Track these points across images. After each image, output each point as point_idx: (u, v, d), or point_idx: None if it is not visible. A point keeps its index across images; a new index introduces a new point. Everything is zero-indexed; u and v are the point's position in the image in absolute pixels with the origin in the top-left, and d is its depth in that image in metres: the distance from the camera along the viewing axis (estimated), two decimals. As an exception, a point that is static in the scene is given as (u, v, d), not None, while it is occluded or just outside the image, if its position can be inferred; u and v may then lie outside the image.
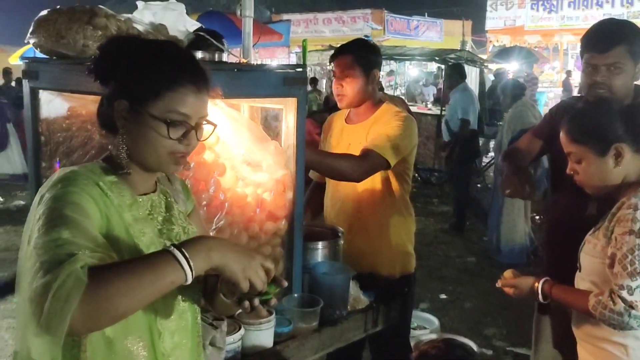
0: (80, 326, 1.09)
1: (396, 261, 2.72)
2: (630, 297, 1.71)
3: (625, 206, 1.80)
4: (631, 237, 1.74)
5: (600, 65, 2.21)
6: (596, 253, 1.87)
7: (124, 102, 1.30)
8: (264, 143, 2.18)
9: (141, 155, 1.33)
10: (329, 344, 2.19)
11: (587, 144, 1.89)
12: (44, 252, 1.13)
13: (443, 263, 6.05)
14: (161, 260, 1.18)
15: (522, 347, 4.16)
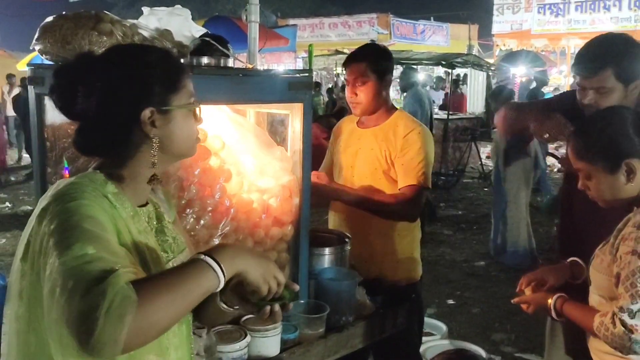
0: (128, 344, 1.06)
1: (402, 267, 2.70)
2: (630, 320, 1.64)
3: (631, 223, 1.72)
4: (634, 258, 1.66)
5: (587, 88, 2.18)
6: (602, 269, 1.80)
7: (149, 110, 1.28)
8: (270, 149, 2.17)
9: (177, 149, 1.35)
10: (335, 350, 2.17)
11: (595, 161, 1.78)
12: (72, 271, 1.08)
13: (450, 268, 6.02)
14: (197, 269, 1.18)
15: (531, 353, 4.13)
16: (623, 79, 2.15)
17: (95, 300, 1.04)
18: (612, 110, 1.91)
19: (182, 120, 1.33)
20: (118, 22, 2.08)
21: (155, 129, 1.30)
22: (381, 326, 2.38)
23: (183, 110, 1.33)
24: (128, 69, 1.28)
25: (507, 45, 21.72)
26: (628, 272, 1.67)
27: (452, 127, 9.89)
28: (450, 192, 9.46)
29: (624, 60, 2.16)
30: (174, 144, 1.34)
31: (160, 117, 1.30)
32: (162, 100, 1.30)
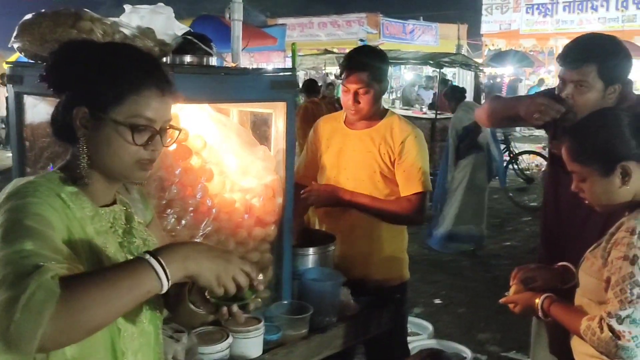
0: (51, 341, 1.03)
1: (388, 267, 2.70)
2: (618, 326, 1.62)
3: (624, 228, 1.69)
4: (625, 264, 1.63)
5: (568, 81, 2.17)
6: (593, 272, 1.78)
7: (84, 109, 1.23)
8: (253, 148, 2.16)
9: (104, 164, 1.27)
10: (318, 351, 2.16)
11: (590, 164, 1.75)
12: (6, 264, 1.06)
13: (436, 267, 6.03)
14: (137, 268, 1.13)
15: (517, 352, 4.14)
16: (605, 78, 2.14)
17: (16, 292, 1.01)
18: (608, 112, 1.89)
19: (112, 135, 1.24)
20: (98, 20, 2.05)
21: (84, 129, 1.24)
22: (365, 327, 2.38)
23: (119, 126, 1.23)
24: (82, 61, 1.25)
25: (495, 45, 21.83)
26: (618, 278, 1.65)
27: (440, 126, 9.88)
28: (438, 192, 9.48)
29: (609, 59, 2.16)
30: (100, 156, 1.26)
31: (93, 121, 1.24)
32: (99, 105, 1.23)
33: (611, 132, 1.75)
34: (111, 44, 1.46)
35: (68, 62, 1.26)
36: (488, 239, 6.94)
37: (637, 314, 1.62)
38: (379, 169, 2.61)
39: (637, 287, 1.62)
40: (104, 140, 1.25)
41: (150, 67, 1.29)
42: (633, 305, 1.62)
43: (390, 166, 2.62)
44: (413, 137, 2.61)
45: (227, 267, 1.22)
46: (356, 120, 2.67)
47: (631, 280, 1.63)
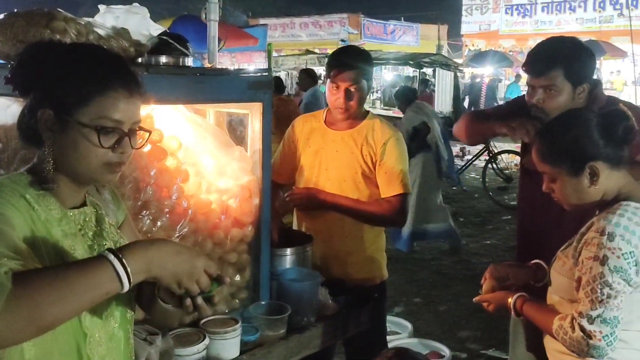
0: (1, 337, 1.00)
1: (367, 267, 2.70)
2: (589, 326, 1.64)
3: (594, 229, 1.70)
4: (595, 264, 1.65)
5: (536, 87, 2.21)
6: (564, 271, 1.80)
7: (49, 112, 1.20)
8: (229, 149, 2.15)
9: (71, 167, 1.24)
10: (296, 351, 2.16)
11: (559, 164, 1.77)
12: None
13: (418, 267, 6.05)
14: (96, 267, 1.10)
15: (496, 350, 4.17)
16: (572, 79, 2.18)
17: None
18: (576, 112, 1.91)
19: (78, 137, 1.21)
20: (72, 20, 2.03)
21: (49, 132, 1.22)
22: (344, 326, 2.38)
23: (85, 129, 1.21)
24: (49, 61, 1.22)
25: (475, 46, 21.99)
26: (589, 278, 1.67)
27: (421, 126, 9.93)
28: (420, 191, 9.52)
29: (573, 61, 2.20)
30: (67, 159, 1.23)
31: (58, 123, 1.21)
32: (64, 107, 1.20)
33: (579, 133, 1.76)
34: (77, 45, 1.44)
35: (33, 63, 1.24)
36: (469, 237, 7.00)
37: (607, 314, 1.64)
38: (360, 170, 2.62)
39: (607, 287, 1.64)
40: (70, 143, 1.22)
41: (116, 68, 1.27)
42: (603, 305, 1.64)
43: (372, 167, 2.62)
44: (395, 140, 2.63)
45: (190, 272, 1.21)
46: (344, 119, 2.65)
47: (601, 281, 1.64)
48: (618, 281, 1.64)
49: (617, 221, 1.66)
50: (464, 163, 10.71)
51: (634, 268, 1.65)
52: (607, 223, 1.67)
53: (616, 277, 1.64)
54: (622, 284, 1.64)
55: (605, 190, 1.77)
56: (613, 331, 1.65)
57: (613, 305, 1.64)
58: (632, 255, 1.64)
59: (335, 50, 2.78)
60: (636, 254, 1.64)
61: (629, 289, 1.66)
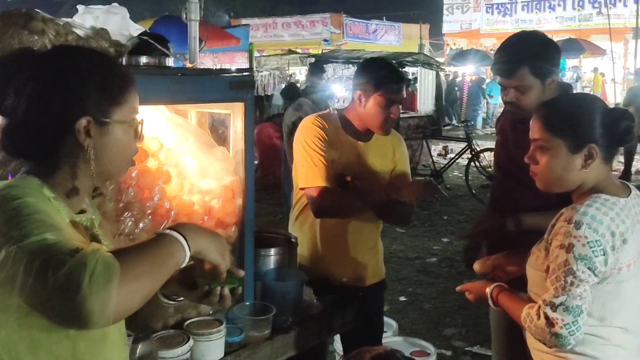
0: (116, 311, 1.06)
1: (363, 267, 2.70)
2: (552, 313, 1.64)
3: (562, 218, 1.70)
4: (562, 252, 1.65)
5: (507, 87, 2.27)
6: (538, 265, 1.80)
7: (85, 119, 1.22)
8: (211, 149, 2.14)
9: (109, 165, 1.29)
10: (281, 352, 2.15)
11: (562, 135, 1.73)
12: (37, 251, 1.05)
13: (402, 265, 6.07)
14: (166, 240, 1.19)
15: (481, 347, 4.19)
16: (539, 75, 2.21)
17: (75, 271, 1.02)
18: (589, 97, 1.96)
19: (120, 135, 1.28)
20: (50, 21, 2.01)
21: (89, 139, 1.24)
22: (329, 326, 2.38)
23: (124, 125, 1.28)
24: (64, 73, 1.22)
25: (457, 45, 22.15)
26: (555, 266, 1.67)
27: (404, 125, 9.99)
28: (403, 190, 9.54)
29: (537, 57, 2.23)
30: (107, 158, 1.27)
31: (97, 128, 1.24)
32: (101, 111, 1.24)
33: (591, 111, 1.75)
34: (72, 48, 1.45)
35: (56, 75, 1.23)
36: (453, 235, 7.02)
37: (570, 302, 1.63)
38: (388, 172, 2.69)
39: (571, 275, 1.63)
40: (112, 143, 1.27)
41: (123, 66, 1.36)
42: (566, 293, 1.63)
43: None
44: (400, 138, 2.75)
45: (223, 243, 1.30)
46: (388, 133, 2.65)
47: (566, 268, 1.64)
48: (583, 269, 1.63)
49: (584, 210, 1.66)
50: (446, 162, 10.77)
51: (600, 257, 1.64)
52: (575, 212, 1.67)
53: (581, 266, 1.63)
54: (587, 272, 1.63)
55: (586, 180, 1.76)
56: (575, 320, 1.63)
57: (576, 293, 1.63)
58: (599, 244, 1.63)
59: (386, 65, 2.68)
60: (603, 243, 1.63)
61: (594, 278, 1.65)
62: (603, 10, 17.06)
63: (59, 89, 1.21)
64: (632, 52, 15.10)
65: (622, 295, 1.73)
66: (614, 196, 1.72)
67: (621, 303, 1.74)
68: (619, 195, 1.74)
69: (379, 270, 2.79)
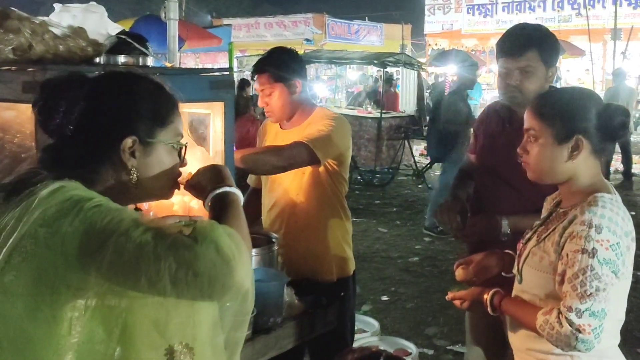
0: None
1: (333, 265, 2.70)
2: (578, 320, 1.61)
3: (579, 222, 1.66)
4: (584, 257, 1.62)
5: (513, 69, 2.27)
6: (543, 267, 1.76)
7: (132, 139, 1.25)
8: (191, 149, 2.11)
9: (151, 185, 1.31)
10: (263, 352, 2.14)
11: (550, 124, 1.73)
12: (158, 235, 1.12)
13: (385, 264, 6.08)
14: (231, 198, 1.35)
15: (463, 346, 4.21)
16: (545, 61, 2.27)
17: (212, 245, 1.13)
18: (586, 89, 1.96)
19: (164, 156, 1.31)
20: (27, 20, 1.98)
21: (133, 159, 1.26)
22: (310, 326, 2.37)
23: (167, 147, 1.31)
24: (115, 94, 1.27)
25: (438, 45, 22.24)
26: (577, 270, 1.63)
27: (386, 125, 10.02)
28: (385, 190, 9.57)
29: (547, 43, 2.30)
30: (150, 179, 1.30)
31: (142, 148, 1.27)
32: (147, 132, 1.28)
33: (582, 104, 1.75)
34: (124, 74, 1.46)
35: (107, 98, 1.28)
36: (435, 234, 7.05)
37: (596, 307, 1.61)
38: (307, 168, 2.60)
39: (596, 280, 1.61)
40: (156, 163, 1.30)
41: (170, 89, 1.37)
42: (592, 298, 1.61)
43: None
44: (331, 116, 2.67)
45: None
46: (274, 121, 2.75)
47: (591, 273, 1.61)
48: (607, 273, 1.62)
49: (601, 213, 1.64)
50: (428, 161, 10.81)
51: (621, 258, 1.64)
52: (593, 215, 1.64)
53: (606, 270, 1.62)
54: (611, 276, 1.63)
55: (576, 174, 1.75)
56: (601, 323, 1.62)
57: (602, 297, 1.62)
58: (619, 245, 1.63)
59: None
60: (621, 245, 1.64)
61: (615, 280, 1.65)
62: (582, 11, 17.23)
63: (109, 109, 1.26)
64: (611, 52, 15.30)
65: (625, 290, 1.75)
66: (612, 194, 1.73)
67: (624, 297, 1.76)
68: (612, 192, 1.75)
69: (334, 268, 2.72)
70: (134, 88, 1.29)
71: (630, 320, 1.94)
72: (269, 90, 2.62)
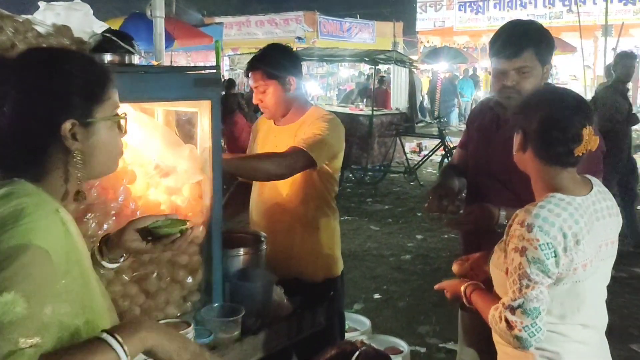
0: None
1: (321, 265, 2.68)
2: (511, 316, 1.67)
3: (516, 221, 1.71)
4: (516, 255, 1.68)
5: (509, 70, 2.20)
6: (499, 265, 1.81)
7: (70, 123, 1.21)
8: (178, 148, 2.09)
9: (99, 164, 1.29)
10: (251, 353, 2.12)
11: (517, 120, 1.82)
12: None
13: (377, 263, 6.07)
14: (97, 349, 1.12)
15: (455, 343, 4.20)
16: (541, 59, 2.22)
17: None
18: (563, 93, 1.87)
19: (106, 133, 1.27)
20: (9, 18, 1.95)
21: (77, 142, 1.23)
22: (299, 327, 2.35)
23: (108, 122, 1.28)
24: (45, 78, 1.20)
25: (430, 42, 22.29)
26: (512, 269, 1.69)
27: (377, 122, 9.99)
28: (377, 188, 9.56)
29: (541, 41, 2.24)
30: (97, 158, 1.27)
31: (83, 130, 1.23)
32: (84, 112, 1.24)
33: (536, 104, 1.79)
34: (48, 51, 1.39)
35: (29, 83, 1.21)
36: (427, 232, 7.05)
37: (527, 305, 1.65)
38: None
39: (525, 278, 1.66)
40: (100, 142, 1.26)
41: (100, 62, 1.38)
42: (523, 296, 1.66)
43: None
44: (327, 117, 2.64)
45: (181, 343, 1.24)
46: (268, 117, 2.74)
47: (520, 272, 1.66)
48: (536, 272, 1.65)
49: (536, 212, 1.67)
50: (420, 158, 10.81)
51: (552, 259, 1.65)
52: (528, 214, 1.68)
53: (534, 269, 1.65)
54: (541, 275, 1.65)
55: (529, 173, 1.80)
56: (534, 322, 1.65)
57: (532, 296, 1.65)
58: (550, 246, 1.64)
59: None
60: (554, 245, 1.64)
61: (547, 280, 1.67)
62: (573, 7, 17.27)
63: (41, 95, 1.20)
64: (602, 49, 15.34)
65: (580, 294, 1.75)
66: (570, 195, 1.72)
67: (580, 301, 1.76)
68: (576, 193, 1.74)
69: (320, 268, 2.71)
70: (64, 68, 1.23)
71: (624, 317, 1.94)
72: (263, 87, 2.61)
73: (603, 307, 1.86)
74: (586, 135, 1.68)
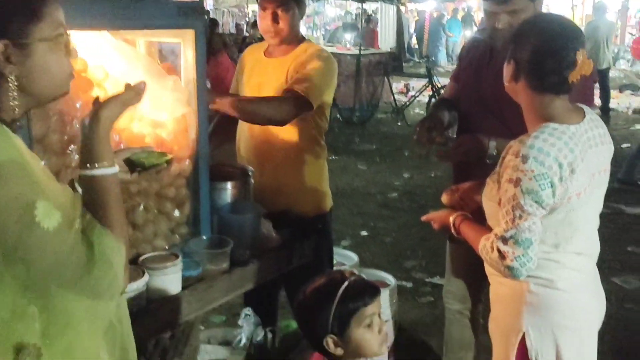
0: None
1: (310, 199, 2.68)
2: (503, 247, 1.68)
3: (510, 152, 1.70)
4: (510, 186, 1.66)
5: (500, 13, 2.16)
6: (492, 197, 1.80)
7: (2, 44, 1.11)
8: (161, 78, 2.04)
9: (40, 89, 1.19)
10: (239, 285, 2.14)
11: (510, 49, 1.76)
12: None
13: (364, 200, 6.11)
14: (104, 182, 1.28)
15: (441, 277, 4.28)
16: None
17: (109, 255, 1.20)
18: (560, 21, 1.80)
19: (46, 54, 1.16)
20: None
21: (11, 65, 1.13)
22: (288, 259, 2.37)
23: (48, 43, 1.16)
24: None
25: (419, -20, 21.75)
26: (505, 200, 1.68)
27: (365, 62, 9.87)
28: (365, 127, 9.54)
29: None
30: (37, 82, 1.17)
31: (18, 51, 1.13)
32: (18, 32, 1.12)
33: (530, 32, 1.73)
34: None
35: None
36: (414, 170, 7.08)
37: (519, 235, 1.66)
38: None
39: (518, 209, 1.65)
40: (40, 65, 1.16)
41: None
42: (515, 227, 1.66)
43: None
44: (323, 54, 2.60)
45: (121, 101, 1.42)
46: (276, 44, 2.61)
47: (514, 203, 1.66)
48: (530, 203, 1.64)
49: (531, 143, 1.65)
50: (407, 99, 10.75)
51: (548, 190, 1.64)
52: (522, 145, 1.66)
53: (528, 200, 1.64)
54: (535, 206, 1.65)
55: (521, 102, 1.77)
56: (526, 252, 1.67)
57: (524, 227, 1.66)
58: (545, 176, 1.63)
59: None
60: (550, 175, 1.63)
61: (542, 211, 1.67)
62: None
63: None
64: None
65: (574, 223, 1.75)
66: (564, 124, 1.70)
67: (574, 230, 1.76)
68: (570, 122, 1.72)
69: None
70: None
71: (605, 250, 1.97)
72: (285, 8, 2.51)
73: (595, 235, 1.87)
74: (580, 59, 1.65)
